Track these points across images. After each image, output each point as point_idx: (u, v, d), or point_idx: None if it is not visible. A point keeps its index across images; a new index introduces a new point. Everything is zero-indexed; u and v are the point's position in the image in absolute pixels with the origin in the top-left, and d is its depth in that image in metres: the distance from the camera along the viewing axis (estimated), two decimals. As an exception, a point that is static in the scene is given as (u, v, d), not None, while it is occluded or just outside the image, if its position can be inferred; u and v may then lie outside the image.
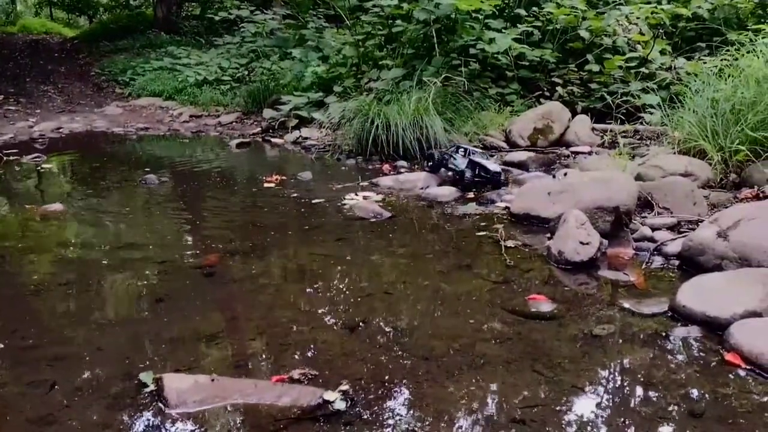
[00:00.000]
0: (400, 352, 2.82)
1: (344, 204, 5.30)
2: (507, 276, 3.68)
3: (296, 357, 2.76)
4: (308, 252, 4.23)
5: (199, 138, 9.79)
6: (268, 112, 9.48)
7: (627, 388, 2.53)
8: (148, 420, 2.32)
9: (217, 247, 4.34)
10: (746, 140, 4.83)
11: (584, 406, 2.41)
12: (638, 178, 5.02)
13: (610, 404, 2.42)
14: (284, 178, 6.37)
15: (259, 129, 9.51)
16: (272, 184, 6.11)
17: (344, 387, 2.48)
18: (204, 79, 12.85)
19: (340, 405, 2.36)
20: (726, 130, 5.05)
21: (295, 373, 2.57)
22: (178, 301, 3.45)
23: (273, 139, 8.79)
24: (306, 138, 8.42)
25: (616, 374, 2.63)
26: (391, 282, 3.68)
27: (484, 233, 4.45)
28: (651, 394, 2.47)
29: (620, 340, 2.88)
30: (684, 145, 5.42)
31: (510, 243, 4.20)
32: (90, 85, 15.73)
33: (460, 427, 2.28)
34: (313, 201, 5.49)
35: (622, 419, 2.33)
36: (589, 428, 2.27)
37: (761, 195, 4.31)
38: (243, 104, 10.93)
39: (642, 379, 2.57)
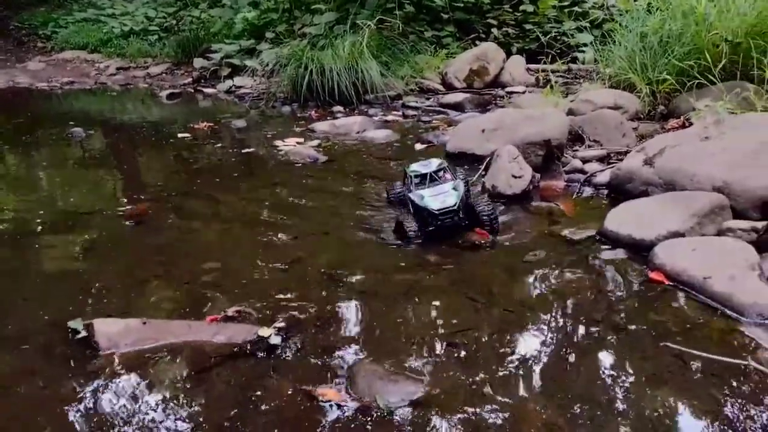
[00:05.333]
0: (337, 288, 2.82)
1: (279, 150, 5.21)
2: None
3: (232, 297, 2.72)
4: (243, 197, 4.16)
5: (128, 90, 9.44)
6: (198, 62, 9.18)
7: (555, 309, 2.59)
8: (79, 364, 2.26)
9: (146, 196, 4.22)
10: (673, 71, 4.93)
11: (514, 327, 2.46)
12: (570, 113, 5.09)
13: (539, 324, 2.48)
14: (217, 126, 6.22)
15: (191, 79, 9.22)
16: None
17: (280, 323, 2.47)
18: (130, 29, 12.31)
19: (276, 340, 2.35)
20: (654, 63, 5.14)
21: (230, 311, 2.55)
22: (108, 251, 3.35)
23: (205, 89, 8.55)
24: (239, 87, 8.21)
25: (546, 296, 2.69)
26: (328, 222, 3.65)
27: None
28: (578, 312, 2.54)
29: (550, 265, 2.94)
30: (614, 80, 5.51)
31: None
32: (10, 39, 14.90)
33: (396, 353, 2.29)
34: (248, 148, 5.38)
35: (550, 337, 2.40)
36: (517, 347, 2.33)
37: (687, 124, 4.42)
38: (172, 55, 10.55)
39: (570, 300, 2.64)
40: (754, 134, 3.40)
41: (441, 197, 3.27)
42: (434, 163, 3.53)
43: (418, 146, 5.16)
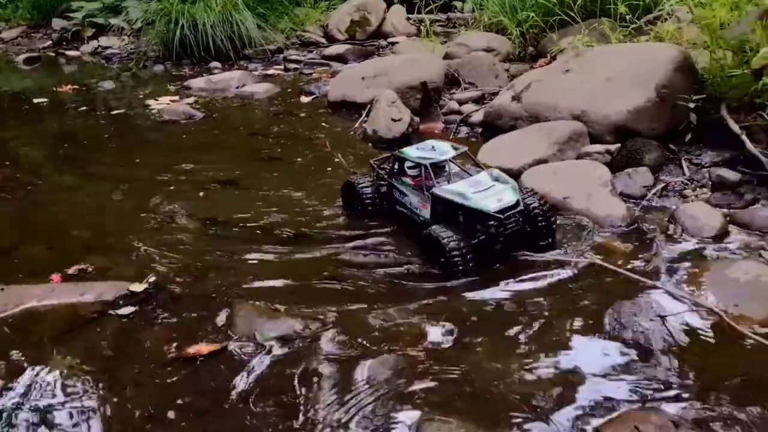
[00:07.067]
0: (213, 239, 2.76)
1: (152, 109, 4.98)
2: (327, 157, 3.69)
3: (99, 258, 2.60)
4: (112, 159, 3.96)
5: (-20, 58, 8.69)
6: (58, 22, 8.53)
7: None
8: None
9: (4, 164, 3.94)
10: (540, 11, 5.09)
11: (390, 258, 2.51)
12: (447, 57, 5.17)
13: (413, 254, 2.52)
14: (83, 89, 5.86)
15: (50, 42, 8.54)
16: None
17: (153, 277, 2.40)
18: (-25, -8, 11.28)
19: (146, 293, 2.28)
20: (523, 4, 5.29)
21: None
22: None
23: (68, 52, 7.96)
24: (106, 47, 7.70)
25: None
26: (206, 176, 3.53)
27: (302, 123, 4.42)
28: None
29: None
30: (489, 24, 5.64)
31: (332, 125, 4.26)
32: None
33: (275, 293, 2.28)
34: (117, 110, 5.12)
35: (421, 262, 2.44)
36: (392, 275, 2.38)
37: (552, 62, 4.59)
38: (28, 17, 9.71)
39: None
40: (609, 65, 3.59)
41: (492, 193, 2.37)
42: (444, 147, 2.63)
43: (304, 99, 5.08)
